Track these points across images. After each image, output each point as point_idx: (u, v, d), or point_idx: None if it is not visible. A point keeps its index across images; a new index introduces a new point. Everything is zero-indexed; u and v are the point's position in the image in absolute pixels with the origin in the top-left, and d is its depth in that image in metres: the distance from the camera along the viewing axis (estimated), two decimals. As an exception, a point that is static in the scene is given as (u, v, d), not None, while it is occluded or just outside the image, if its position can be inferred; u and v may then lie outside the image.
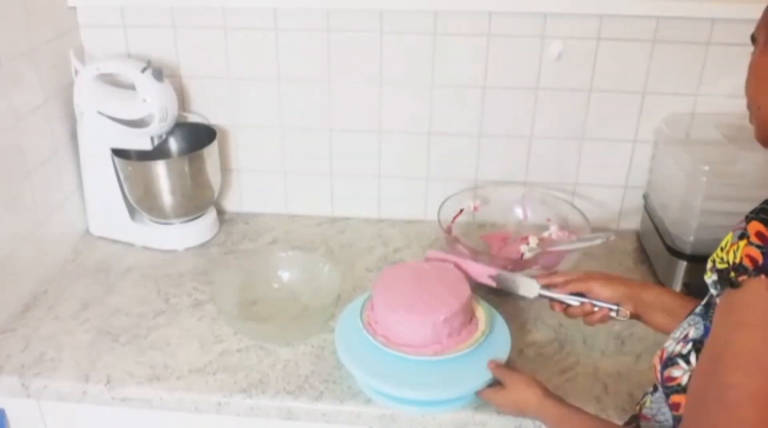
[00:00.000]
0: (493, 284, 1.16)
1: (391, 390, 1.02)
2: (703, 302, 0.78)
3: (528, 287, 1.11)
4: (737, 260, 0.67)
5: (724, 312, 0.69)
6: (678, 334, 0.80)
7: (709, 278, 0.72)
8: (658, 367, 0.80)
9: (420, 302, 1.07)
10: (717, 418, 0.66)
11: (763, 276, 0.64)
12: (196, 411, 1.10)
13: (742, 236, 0.67)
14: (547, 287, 1.09)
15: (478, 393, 1.03)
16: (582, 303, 1.05)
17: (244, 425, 1.12)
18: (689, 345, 0.76)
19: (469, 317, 1.10)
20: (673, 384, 0.77)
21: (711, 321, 0.72)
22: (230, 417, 1.10)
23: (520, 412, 0.99)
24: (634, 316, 1.02)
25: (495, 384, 1.02)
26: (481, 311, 1.13)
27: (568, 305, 1.07)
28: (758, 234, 0.66)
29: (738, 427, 0.64)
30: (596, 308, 1.04)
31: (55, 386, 1.11)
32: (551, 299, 1.08)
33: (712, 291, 0.72)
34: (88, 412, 1.15)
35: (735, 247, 0.68)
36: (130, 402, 1.10)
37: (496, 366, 1.03)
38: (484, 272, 1.18)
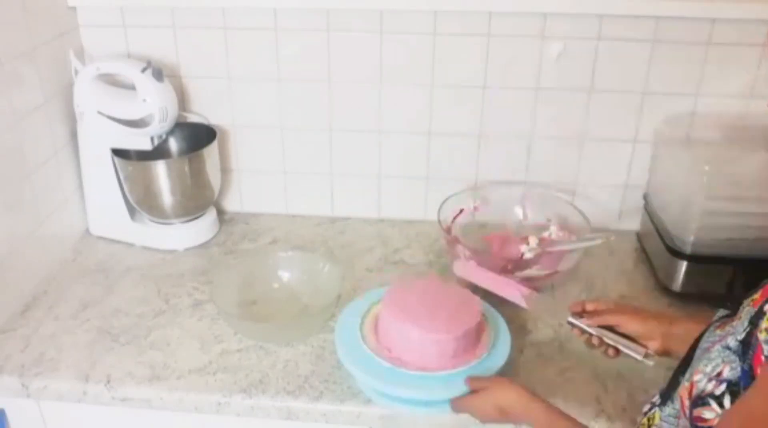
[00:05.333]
0: (524, 304, 1.13)
1: (391, 390, 1.02)
2: (740, 337, 0.73)
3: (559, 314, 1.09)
4: None
5: None
6: (710, 369, 0.75)
7: (764, 337, 0.68)
8: (687, 403, 0.76)
9: (442, 320, 1.05)
10: None
11: None
12: (196, 411, 1.10)
13: None
14: (577, 315, 1.07)
15: (452, 403, 1.00)
16: (601, 336, 1.02)
17: (244, 425, 1.12)
18: (723, 386, 0.72)
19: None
20: (704, 425, 0.73)
21: (749, 364, 0.69)
22: (230, 417, 1.10)
23: (503, 414, 0.94)
24: (664, 353, 0.99)
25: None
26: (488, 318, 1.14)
27: (590, 336, 1.04)
28: None
29: None
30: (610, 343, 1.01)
31: (55, 386, 1.11)
32: (577, 328, 1.06)
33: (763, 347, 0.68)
34: (88, 412, 1.15)
35: None
36: (130, 402, 1.11)
37: (472, 379, 1.00)
38: (515, 290, 1.15)
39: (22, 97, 1.26)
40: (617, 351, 1.02)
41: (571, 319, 1.07)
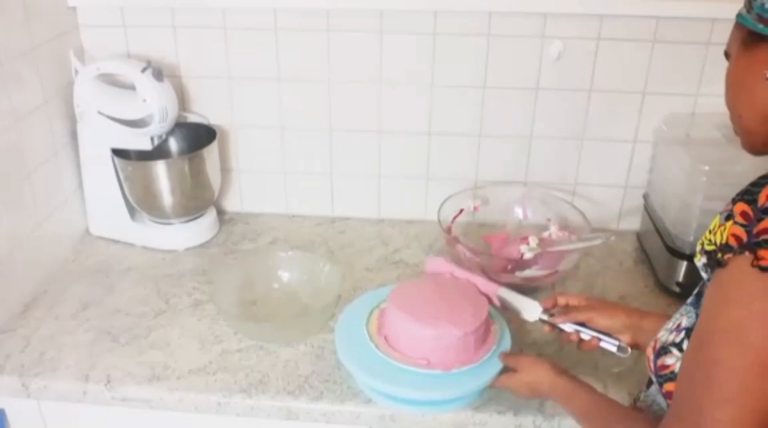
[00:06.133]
0: (496, 303, 1.14)
1: (391, 390, 1.02)
2: (695, 291, 0.79)
3: (530, 310, 1.10)
4: (723, 241, 0.68)
5: (712, 291, 0.70)
6: (671, 325, 0.81)
7: (699, 261, 0.73)
8: (651, 357, 0.80)
9: (449, 317, 1.05)
10: (702, 395, 0.66)
11: (747, 253, 0.65)
12: (196, 411, 1.10)
13: (729, 217, 0.69)
14: (548, 311, 1.08)
15: (492, 384, 1.03)
16: (577, 332, 1.03)
17: (244, 425, 1.12)
18: (682, 334, 0.77)
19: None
20: (666, 372, 0.77)
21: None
22: (230, 417, 1.10)
23: (534, 393, 0.98)
24: (634, 346, 1.01)
25: (506, 371, 1.02)
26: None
27: (561, 331, 1.06)
28: (742, 214, 0.68)
29: (722, 405, 0.65)
30: (587, 338, 1.03)
31: (55, 386, 1.11)
32: (550, 325, 1.07)
33: (703, 275, 0.73)
34: (88, 412, 1.15)
35: (722, 228, 0.69)
36: (130, 402, 1.11)
37: (505, 355, 1.04)
38: (487, 289, 1.15)
39: (22, 97, 1.26)
40: (591, 346, 1.02)
41: (543, 317, 1.08)
